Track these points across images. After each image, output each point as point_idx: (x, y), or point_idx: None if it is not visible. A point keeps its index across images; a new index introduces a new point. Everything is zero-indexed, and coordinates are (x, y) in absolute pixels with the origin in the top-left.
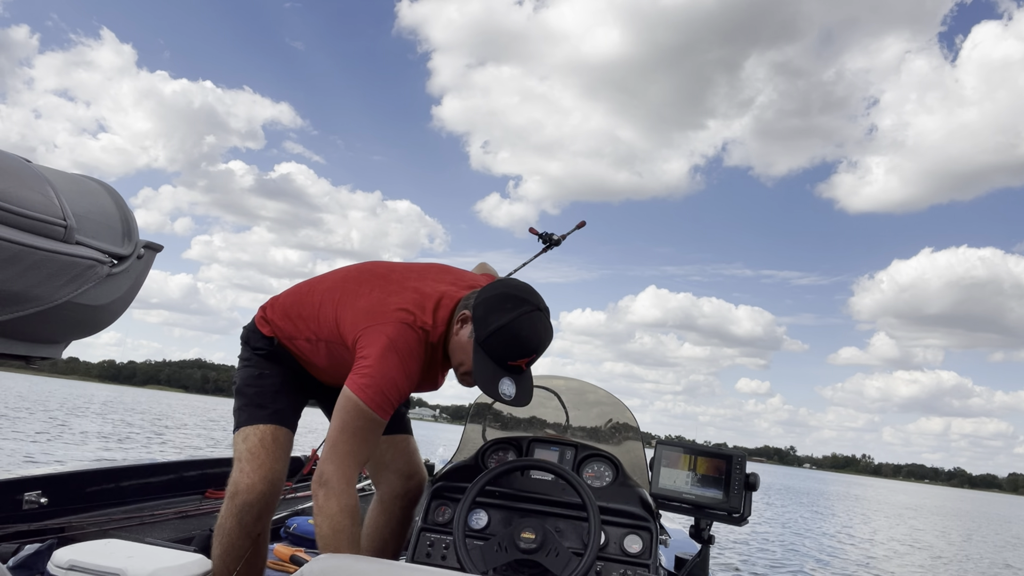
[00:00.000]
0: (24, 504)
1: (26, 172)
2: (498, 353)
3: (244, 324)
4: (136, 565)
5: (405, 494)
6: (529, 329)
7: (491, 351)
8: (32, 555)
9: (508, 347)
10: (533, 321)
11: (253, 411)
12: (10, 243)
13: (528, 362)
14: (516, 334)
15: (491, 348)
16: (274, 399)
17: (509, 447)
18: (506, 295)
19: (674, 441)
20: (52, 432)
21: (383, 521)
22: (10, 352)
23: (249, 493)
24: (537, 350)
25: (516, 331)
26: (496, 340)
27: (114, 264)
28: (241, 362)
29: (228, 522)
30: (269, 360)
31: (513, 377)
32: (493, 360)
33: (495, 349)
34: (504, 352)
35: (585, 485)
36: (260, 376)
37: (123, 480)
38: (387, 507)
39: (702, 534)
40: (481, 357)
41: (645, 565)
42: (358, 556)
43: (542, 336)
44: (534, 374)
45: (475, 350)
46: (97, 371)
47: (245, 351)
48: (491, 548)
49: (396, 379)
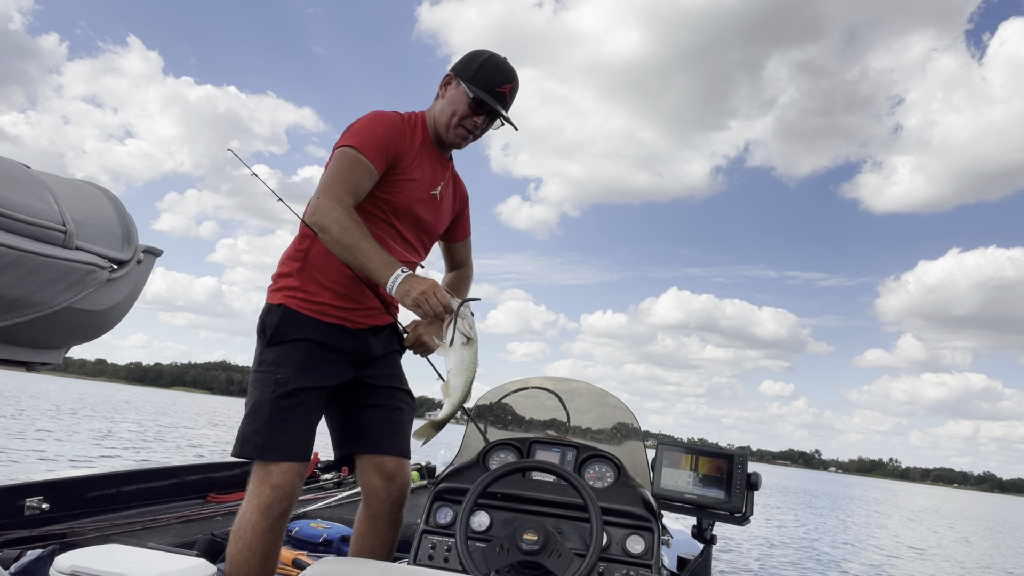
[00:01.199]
0: (26, 510)
1: (25, 178)
2: (487, 82)
3: None
4: (139, 570)
5: (387, 497)
6: (504, 60)
7: (480, 83)
8: (34, 561)
9: (493, 72)
10: (502, 57)
11: (276, 445)
12: (9, 249)
13: (510, 89)
14: (497, 62)
15: (480, 80)
16: (292, 424)
17: (510, 448)
18: (473, 51)
19: (675, 441)
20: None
21: (368, 525)
22: (10, 358)
23: (283, 488)
24: (515, 76)
25: (497, 60)
26: (482, 71)
27: (114, 269)
28: (254, 368)
29: (253, 516)
30: (283, 347)
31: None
32: (483, 90)
33: (483, 79)
34: (491, 78)
35: (587, 486)
36: (276, 384)
37: (125, 485)
38: (372, 510)
39: (704, 534)
40: (472, 88)
41: (647, 565)
42: (360, 560)
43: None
44: (540, 375)
45: (467, 86)
46: (124, 373)
47: (259, 346)
48: (493, 550)
49: (375, 124)
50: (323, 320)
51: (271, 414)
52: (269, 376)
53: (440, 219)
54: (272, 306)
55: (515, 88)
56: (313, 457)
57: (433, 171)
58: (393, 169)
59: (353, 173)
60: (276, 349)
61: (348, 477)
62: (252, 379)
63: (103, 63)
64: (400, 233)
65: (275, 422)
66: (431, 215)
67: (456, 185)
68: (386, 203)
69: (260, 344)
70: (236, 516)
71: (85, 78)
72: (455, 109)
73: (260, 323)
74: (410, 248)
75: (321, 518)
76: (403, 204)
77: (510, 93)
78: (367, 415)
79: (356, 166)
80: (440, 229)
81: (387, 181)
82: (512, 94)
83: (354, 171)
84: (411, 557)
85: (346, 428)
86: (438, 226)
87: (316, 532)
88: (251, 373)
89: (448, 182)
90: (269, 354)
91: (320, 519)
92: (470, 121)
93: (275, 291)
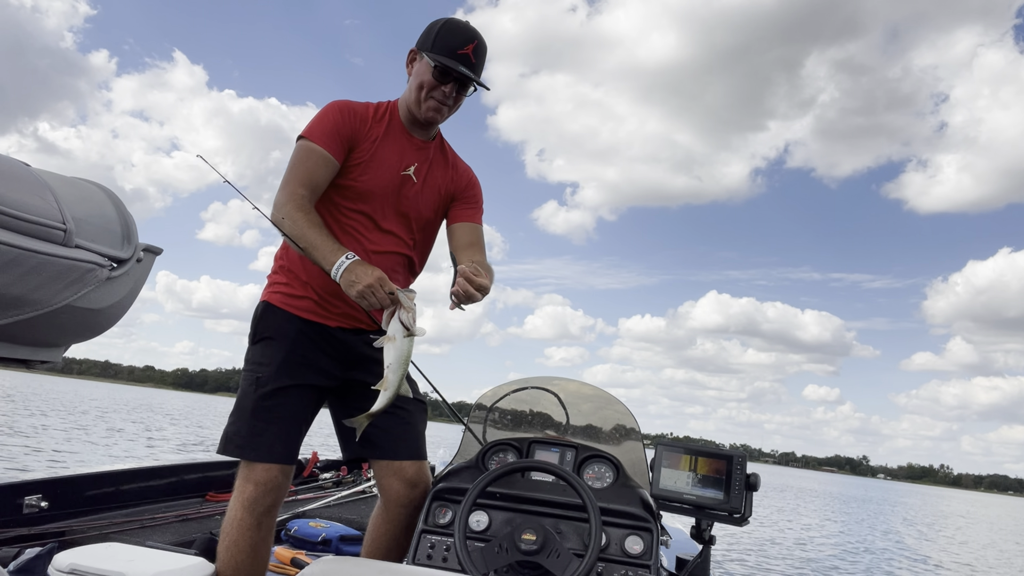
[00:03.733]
0: (24, 508)
1: (25, 176)
2: (447, 47)
3: None
4: (137, 568)
5: (409, 502)
6: (463, 22)
7: (440, 49)
8: (33, 559)
9: (452, 36)
10: (462, 20)
11: (255, 445)
12: (9, 247)
13: (474, 48)
14: (455, 25)
15: (439, 47)
16: (272, 424)
17: (509, 448)
18: (431, 22)
19: (674, 441)
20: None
21: (386, 528)
22: (10, 356)
23: (265, 485)
24: (476, 35)
25: (454, 23)
26: (440, 37)
27: (114, 267)
28: (243, 366)
29: (239, 513)
30: (265, 344)
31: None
32: (445, 56)
33: (443, 45)
34: (451, 42)
35: (586, 486)
36: (257, 383)
37: (123, 483)
38: (391, 513)
39: (703, 535)
40: (434, 57)
41: (646, 566)
42: (358, 559)
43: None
44: (545, 377)
45: (428, 56)
46: (171, 379)
47: (247, 348)
48: (492, 550)
49: (328, 112)
50: (304, 317)
51: (252, 413)
52: (251, 375)
53: (422, 201)
54: (261, 303)
55: (480, 48)
56: (312, 456)
57: (401, 152)
58: (352, 153)
59: (305, 164)
60: (259, 347)
61: (347, 476)
62: (241, 377)
63: (150, 78)
64: (375, 221)
65: (256, 421)
66: (407, 198)
67: (445, 167)
68: (351, 190)
69: (248, 342)
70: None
71: (133, 93)
72: (420, 81)
73: (252, 320)
74: (390, 236)
75: (320, 517)
76: (368, 187)
77: (474, 53)
78: (375, 421)
79: (308, 156)
80: (424, 212)
81: (349, 167)
82: (478, 54)
83: (306, 161)
84: (410, 557)
85: (353, 434)
86: (421, 208)
87: (315, 531)
88: (242, 371)
89: (427, 164)
90: (253, 352)
91: (319, 518)
92: (438, 91)
93: (266, 288)
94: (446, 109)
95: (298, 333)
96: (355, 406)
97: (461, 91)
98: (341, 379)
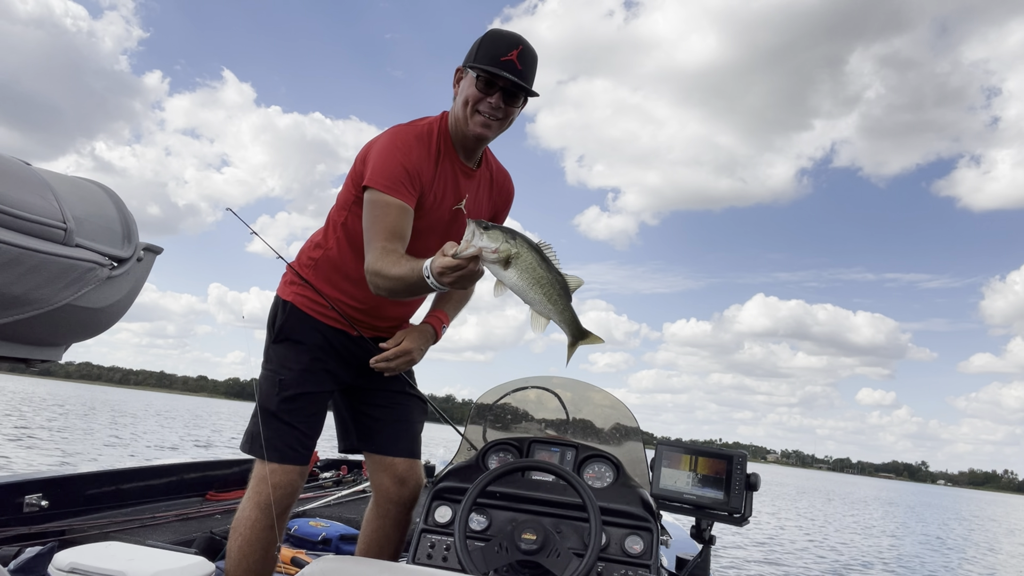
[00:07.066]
0: (25, 507)
1: (26, 175)
2: (490, 56)
3: None
4: (137, 567)
5: (399, 499)
6: (505, 31)
7: (483, 59)
8: (33, 558)
9: (494, 44)
10: (505, 30)
11: (277, 446)
12: (10, 246)
13: (519, 54)
14: (497, 34)
15: (482, 57)
16: (294, 427)
17: (510, 448)
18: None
19: (674, 441)
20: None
21: (377, 524)
22: (10, 355)
23: (284, 487)
24: (522, 41)
25: (496, 32)
26: (483, 48)
27: (114, 267)
28: (263, 363)
29: (254, 513)
30: (288, 346)
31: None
32: (488, 64)
33: (485, 55)
34: (493, 50)
35: (586, 486)
36: (280, 385)
37: (124, 482)
38: (381, 509)
39: (703, 534)
40: (476, 67)
41: (646, 566)
42: (358, 558)
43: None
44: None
45: (472, 68)
46: (224, 388)
47: (267, 338)
48: (492, 549)
49: (398, 158)
50: (328, 324)
51: (275, 415)
52: (274, 376)
53: (460, 191)
54: (282, 301)
55: (526, 54)
56: (312, 456)
57: (456, 188)
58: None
59: (387, 219)
60: (282, 347)
61: (347, 476)
62: (260, 374)
63: (201, 97)
64: (420, 253)
65: (279, 424)
66: (456, 231)
67: (491, 190)
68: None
69: (268, 337)
70: (236, 511)
71: (185, 112)
72: (466, 96)
73: (270, 315)
74: None
75: (320, 516)
76: (421, 227)
77: (519, 58)
78: (374, 414)
79: (386, 211)
80: (462, 195)
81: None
82: (524, 59)
83: (387, 217)
84: (410, 556)
85: (352, 428)
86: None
87: (315, 530)
88: (261, 367)
89: (475, 192)
90: (275, 351)
91: (319, 517)
92: (485, 104)
93: (287, 285)
94: (495, 124)
95: (323, 340)
96: (361, 403)
97: (510, 102)
98: (351, 382)
